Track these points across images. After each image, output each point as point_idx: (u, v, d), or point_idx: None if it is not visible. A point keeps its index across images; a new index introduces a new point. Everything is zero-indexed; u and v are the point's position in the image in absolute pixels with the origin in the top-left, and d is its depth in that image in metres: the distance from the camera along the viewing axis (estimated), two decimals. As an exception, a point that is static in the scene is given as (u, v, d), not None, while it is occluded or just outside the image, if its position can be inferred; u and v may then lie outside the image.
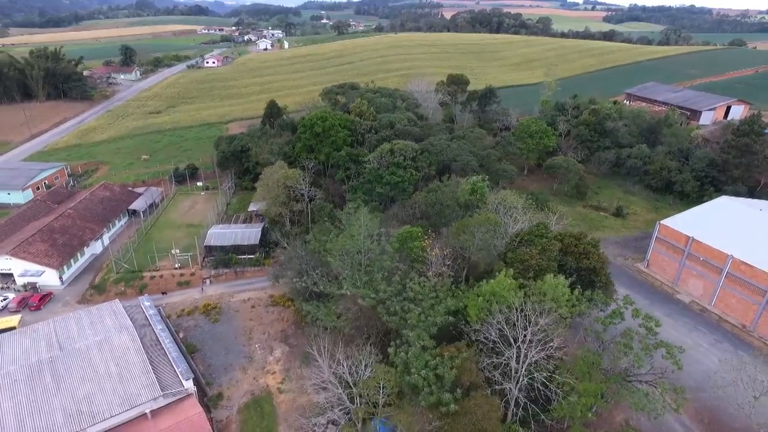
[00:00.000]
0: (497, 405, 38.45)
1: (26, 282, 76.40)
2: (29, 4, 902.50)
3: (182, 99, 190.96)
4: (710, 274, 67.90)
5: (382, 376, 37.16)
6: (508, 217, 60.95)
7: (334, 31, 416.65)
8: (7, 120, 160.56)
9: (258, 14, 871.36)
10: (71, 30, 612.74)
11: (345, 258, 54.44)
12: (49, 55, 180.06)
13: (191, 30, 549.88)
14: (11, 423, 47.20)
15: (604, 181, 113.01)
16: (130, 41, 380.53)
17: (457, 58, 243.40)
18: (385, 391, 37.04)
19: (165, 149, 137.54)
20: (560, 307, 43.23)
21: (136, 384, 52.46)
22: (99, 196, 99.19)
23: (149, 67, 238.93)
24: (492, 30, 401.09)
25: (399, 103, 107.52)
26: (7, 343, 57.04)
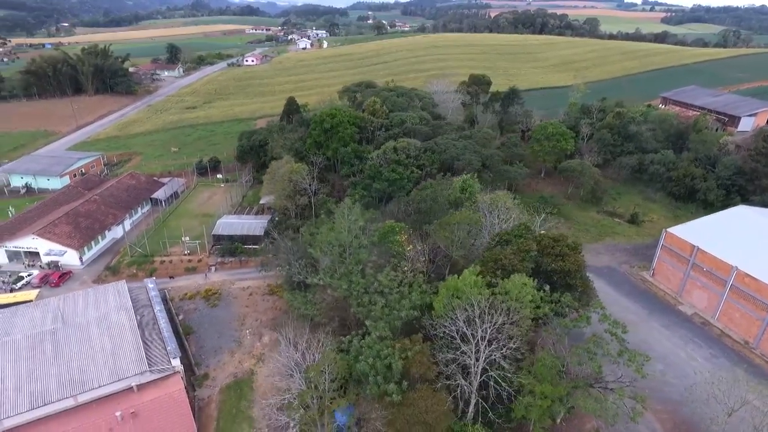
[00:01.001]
0: (443, 399, 38.68)
1: (50, 260, 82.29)
2: (97, 5, 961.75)
3: (218, 95, 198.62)
4: (714, 286, 64.77)
5: (326, 362, 38.25)
6: (496, 217, 60.48)
7: (374, 31, 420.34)
8: (58, 112, 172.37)
9: (306, 15, 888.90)
10: (130, 29, 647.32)
11: (325, 249, 55.84)
12: (99, 53, 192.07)
13: (240, 30, 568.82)
14: (11, 386, 51.57)
15: (625, 187, 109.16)
16: (181, 40, 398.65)
17: (493, 59, 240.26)
18: (331, 377, 38.13)
19: (195, 143, 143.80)
20: (524, 307, 42.86)
21: (126, 359, 55.91)
22: (125, 184, 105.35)
23: (192, 64, 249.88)
24: (535, 31, 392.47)
25: (414, 102, 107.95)
26: (20, 315, 62.09)
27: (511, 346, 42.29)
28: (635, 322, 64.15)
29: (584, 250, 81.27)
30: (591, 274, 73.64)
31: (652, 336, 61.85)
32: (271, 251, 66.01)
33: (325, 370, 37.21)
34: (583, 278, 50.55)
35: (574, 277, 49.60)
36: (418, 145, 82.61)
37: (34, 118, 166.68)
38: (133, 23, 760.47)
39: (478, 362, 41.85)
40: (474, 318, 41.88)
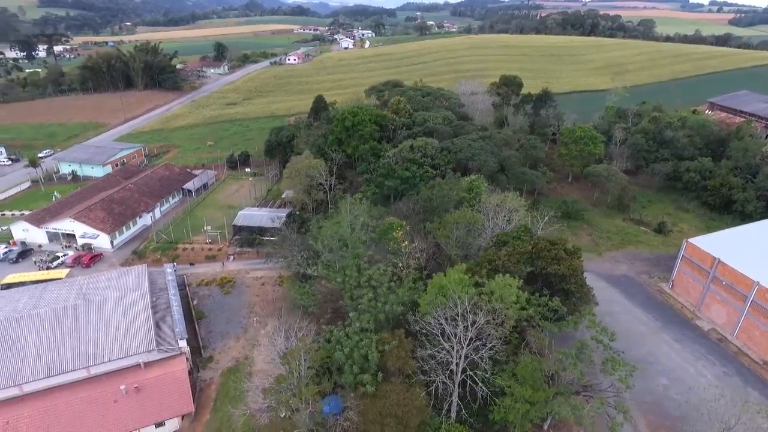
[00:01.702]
0: (417, 395, 38.89)
1: (84, 243, 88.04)
2: (159, 5, 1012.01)
3: (258, 92, 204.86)
4: (734, 301, 61.31)
5: (302, 348, 39.36)
6: (500, 218, 59.70)
7: (417, 31, 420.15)
8: (109, 105, 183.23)
9: (355, 15, 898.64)
10: (187, 28, 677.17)
11: (326, 243, 57.11)
12: (149, 50, 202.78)
13: (288, 29, 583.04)
14: (32, 354, 55.90)
15: (657, 195, 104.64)
16: (232, 39, 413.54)
17: (535, 60, 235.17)
18: (307, 364, 39.19)
19: (231, 137, 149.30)
20: (507, 307, 42.41)
21: (136, 337, 59.30)
22: (159, 174, 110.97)
23: (237, 62, 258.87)
24: (584, 32, 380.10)
25: (439, 102, 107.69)
26: (49, 290, 67.01)
27: (493, 347, 41.94)
28: (644, 334, 62.01)
29: (603, 257, 79.98)
30: (605, 283, 72.31)
31: (661, 349, 59.32)
32: (278, 243, 67.77)
33: (300, 356, 38.35)
34: (579, 283, 49.22)
35: (569, 282, 48.38)
36: (436, 144, 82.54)
37: (87, 110, 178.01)
38: (190, 22, 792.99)
39: (459, 361, 41.80)
40: (456, 316, 41.84)
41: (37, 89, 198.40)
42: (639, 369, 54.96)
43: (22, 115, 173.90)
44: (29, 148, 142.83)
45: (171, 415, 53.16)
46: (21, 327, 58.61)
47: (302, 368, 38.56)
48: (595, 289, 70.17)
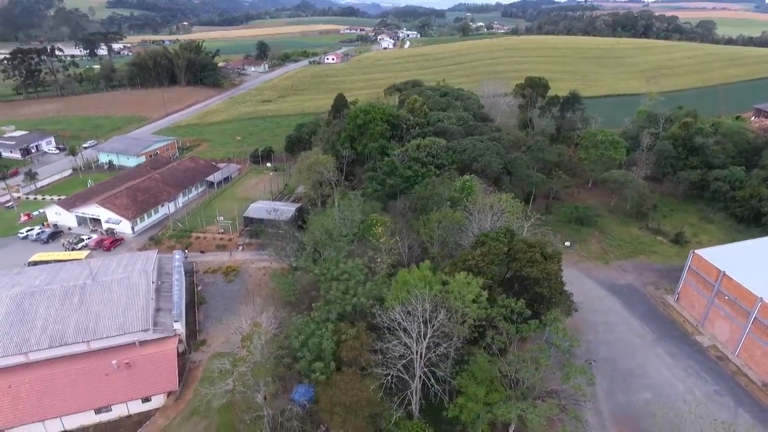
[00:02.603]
0: (367, 385, 39.35)
1: (108, 227, 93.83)
2: (216, 6, 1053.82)
3: (293, 90, 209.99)
4: (737, 317, 57.89)
5: (257, 333, 40.85)
6: (488, 219, 58.93)
7: (460, 32, 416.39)
8: (153, 100, 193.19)
9: (404, 15, 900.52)
10: (239, 28, 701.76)
11: (314, 236, 58.54)
12: (192, 48, 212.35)
13: (335, 29, 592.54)
14: (39, 326, 60.49)
15: (682, 204, 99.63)
16: (281, 38, 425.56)
17: (575, 62, 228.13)
18: (262, 350, 40.60)
19: (259, 133, 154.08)
20: (466, 306, 42.23)
21: (134, 317, 62.83)
22: (184, 166, 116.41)
23: (277, 61, 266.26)
24: (636, 34, 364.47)
25: (456, 103, 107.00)
26: (65, 269, 72.12)
27: (451, 345, 41.95)
28: (637, 346, 59.70)
29: (610, 266, 77.35)
30: (606, 292, 70.16)
31: (651, 363, 56.88)
32: (274, 235, 69.90)
33: (256, 340, 39.93)
34: (555, 287, 47.99)
35: (542, 285, 47.32)
36: (442, 144, 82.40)
37: (132, 104, 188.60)
38: (243, 23, 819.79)
39: (418, 357, 42.06)
40: (416, 312, 42.09)
41: (91, 84, 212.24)
42: (623, 381, 53.91)
43: (74, 107, 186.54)
44: (76, 138, 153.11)
45: (157, 391, 56.14)
46: (34, 301, 63.52)
47: (259, 352, 40.07)
48: (595, 299, 69.02)
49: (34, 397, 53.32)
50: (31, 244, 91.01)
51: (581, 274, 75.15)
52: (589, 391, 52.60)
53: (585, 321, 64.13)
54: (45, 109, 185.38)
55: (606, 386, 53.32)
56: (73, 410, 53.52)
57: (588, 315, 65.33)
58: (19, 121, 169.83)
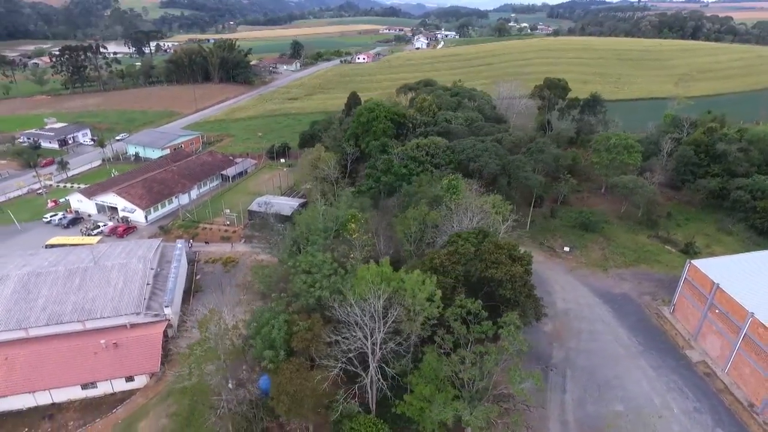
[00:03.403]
0: (312, 375, 39.89)
1: (124, 216, 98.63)
2: (263, 6, 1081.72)
3: (321, 89, 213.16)
4: (728, 332, 54.89)
5: (212, 317, 42.34)
6: (467, 218, 58.24)
7: (495, 32, 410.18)
8: (186, 96, 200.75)
9: (447, 16, 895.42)
10: (283, 28, 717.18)
11: (292, 230, 59.79)
12: (225, 46, 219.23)
13: (374, 29, 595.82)
14: (40, 305, 64.55)
15: (699, 213, 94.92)
16: (320, 38, 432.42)
17: (609, 64, 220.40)
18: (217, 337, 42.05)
19: (281, 130, 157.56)
20: (419, 304, 42.18)
21: (128, 300, 66.02)
22: (202, 159, 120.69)
23: (309, 60, 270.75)
24: (684, 36, 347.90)
25: (466, 103, 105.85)
26: (73, 253, 76.38)
27: (402, 342, 42.10)
28: (619, 357, 57.61)
29: (608, 274, 74.97)
30: (598, 300, 68.20)
31: (631, 374, 54.74)
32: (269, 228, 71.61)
33: (208, 327, 41.47)
34: (519, 290, 46.97)
35: (506, 288, 46.47)
36: (442, 144, 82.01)
37: (166, 100, 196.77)
38: (287, 22, 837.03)
39: (369, 351, 42.41)
40: (370, 308, 42.42)
41: (131, 80, 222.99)
42: (597, 392, 52.29)
43: (113, 102, 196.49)
44: (111, 131, 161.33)
45: (139, 372, 58.75)
46: (39, 281, 67.80)
47: (214, 338, 41.61)
48: (585, 306, 67.10)
49: (27, 370, 56.97)
50: (53, 228, 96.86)
51: (576, 281, 73.12)
52: (558, 399, 51.72)
53: (569, 328, 62.45)
54: (87, 102, 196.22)
55: (577, 395, 51.81)
56: (61, 384, 56.81)
57: (574, 322, 63.58)
58: (62, 113, 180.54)
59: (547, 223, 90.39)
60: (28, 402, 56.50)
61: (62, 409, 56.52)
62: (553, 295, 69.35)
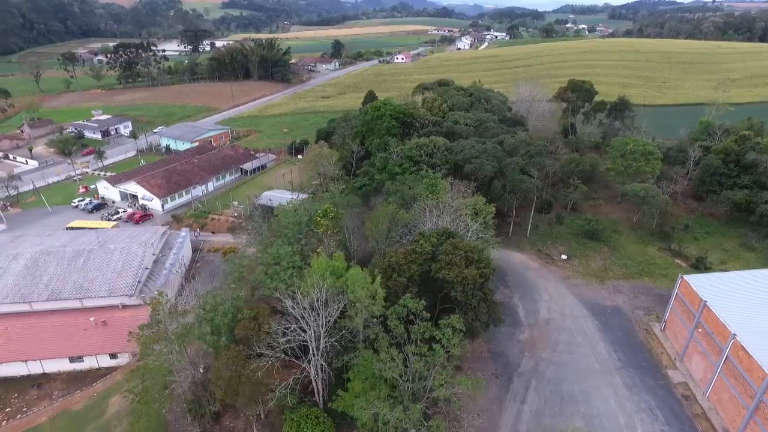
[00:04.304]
0: (249, 364, 40.92)
1: (143, 203, 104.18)
2: (320, 6, 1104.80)
3: (354, 88, 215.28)
4: (712, 354, 51.12)
5: (161, 301, 44.27)
6: (437, 217, 57.24)
7: (542, 34, 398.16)
8: (225, 92, 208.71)
9: (500, 17, 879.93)
10: (335, 28, 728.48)
11: (279, 224, 61.32)
12: (266, 45, 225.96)
13: (423, 30, 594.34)
14: (44, 281, 69.52)
15: (722, 227, 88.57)
16: (368, 38, 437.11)
17: (656, 68, 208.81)
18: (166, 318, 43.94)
19: (307, 127, 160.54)
20: (358, 301, 42.21)
21: (124, 282, 69.86)
22: (223, 153, 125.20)
23: (349, 59, 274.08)
24: (752, 37, 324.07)
25: (479, 104, 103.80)
26: (84, 235, 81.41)
27: (342, 337, 42.40)
28: (593, 372, 55.02)
29: (604, 285, 71.93)
30: (586, 311, 65.82)
31: (600, 391, 52.06)
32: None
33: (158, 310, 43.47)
34: (469, 293, 45.76)
35: (456, 290, 45.46)
36: (441, 144, 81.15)
37: (206, 95, 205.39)
38: (340, 23, 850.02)
39: (311, 344, 42.94)
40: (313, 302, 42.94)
41: (177, 77, 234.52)
42: (558, 405, 50.31)
43: (158, 96, 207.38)
44: (151, 124, 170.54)
45: (122, 350, 61.97)
46: (48, 259, 72.98)
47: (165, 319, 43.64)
48: (569, 317, 64.56)
49: (23, 340, 61.61)
50: (79, 212, 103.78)
51: (566, 290, 70.28)
52: (514, 409, 50.15)
53: (546, 338, 60.21)
54: (134, 97, 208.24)
55: (536, 407, 49.94)
56: (51, 356, 61.03)
57: (553, 332, 61.23)
58: (111, 106, 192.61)
59: (551, 229, 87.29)
60: (21, 370, 61.09)
61: (50, 380, 60.71)
62: (539, 303, 67.09)
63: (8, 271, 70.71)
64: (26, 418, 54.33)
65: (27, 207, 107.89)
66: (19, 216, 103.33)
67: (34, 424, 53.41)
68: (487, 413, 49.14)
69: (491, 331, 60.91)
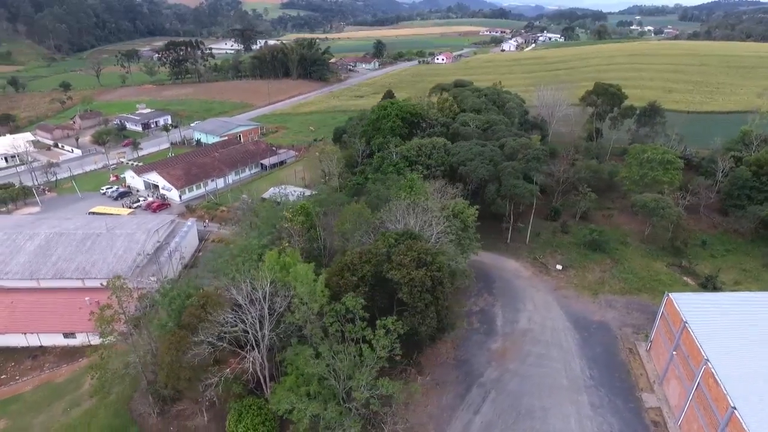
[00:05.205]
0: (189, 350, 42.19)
1: (163, 193, 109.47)
2: (377, 7, 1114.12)
3: (389, 88, 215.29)
4: (686, 378, 47.41)
5: (120, 282, 46.67)
6: (412, 219, 56.36)
7: (594, 35, 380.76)
8: (263, 90, 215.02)
9: (561, 18, 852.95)
10: (388, 28, 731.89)
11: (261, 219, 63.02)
12: (305, 44, 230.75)
13: (475, 31, 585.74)
14: (53, 260, 74.69)
15: (747, 245, 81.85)
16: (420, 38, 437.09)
17: (712, 72, 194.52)
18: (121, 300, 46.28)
19: (333, 125, 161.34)
20: (296, 296, 42.55)
21: (122, 265, 73.77)
22: (245, 148, 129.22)
23: (389, 59, 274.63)
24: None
25: (493, 106, 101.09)
26: (96, 220, 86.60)
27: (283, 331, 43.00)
28: (558, 388, 52.48)
29: (596, 298, 69.15)
30: (569, 325, 63.50)
31: (562, 409, 49.49)
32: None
33: (117, 294, 45.86)
34: (416, 295, 44.70)
35: (403, 291, 44.63)
36: (439, 145, 80.00)
37: (245, 92, 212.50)
38: (393, 23, 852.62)
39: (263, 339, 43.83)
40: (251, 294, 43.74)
41: (222, 74, 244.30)
42: (513, 419, 48.59)
43: (201, 92, 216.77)
44: (190, 118, 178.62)
45: (111, 329, 65.57)
46: (59, 240, 78.38)
47: (125, 303, 46.04)
48: (550, 329, 62.10)
49: (25, 313, 66.45)
50: (106, 199, 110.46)
51: (554, 302, 67.31)
52: (465, 419, 48.72)
53: (519, 349, 57.98)
54: (180, 92, 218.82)
55: (488, 419, 48.24)
56: (48, 330, 65.39)
57: (527, 344, 58.87)
58: (157, 101, 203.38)
59: (554, 238, 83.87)
60: (21, 341, 65.87)
61: (45, 353, 65.02)
62: (521, 313, 64.70)
63: (23, 249, 76.60)
64: (14, 386, 58.61)
65: (62, 192, 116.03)
66: (53, 200, 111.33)
67: (20, 391, 57.49)
68: (435, 420, 48.06)
69: (462, 338, 59.75)
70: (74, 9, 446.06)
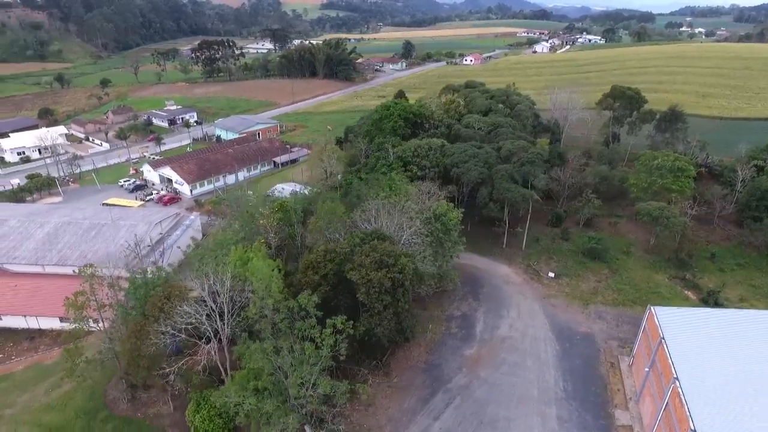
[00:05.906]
0: (147, 339, 43.35)
1: (175, 187, 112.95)
2: (417, 8, 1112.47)
3: (414, 88, 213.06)
4: (658, 397, 45.02)
5: (93, 270, 48.36)
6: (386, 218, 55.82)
7: (634, 37, 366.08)
8: (288, 88, 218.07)
9: (605, 19, 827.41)
10: (425, 29, 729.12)
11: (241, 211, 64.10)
12: (332, 45, 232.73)
13: (512, 32, 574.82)
14: (59, 247, 78.32)
15: (760, 260, 77.07)
16: (457, 39, 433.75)
17: (755, 76, 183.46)
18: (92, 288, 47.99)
19: (352, 124, 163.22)
20: (253, 292, 43.01)
21: (123, 254, 76.50)
22: (259, 146, 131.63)
23: (417, 60, 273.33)
24: None
25: (496, 107, 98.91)
26: (103, 211, 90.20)
27: (239, 324, 43.68)
28: (526, 399, 50.92)
29: (585, 308, 67.05)
30: (551, 334, 62.39)
31: (527, 421, 47.92)
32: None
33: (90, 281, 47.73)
34: (373, 297, 44.20)
35: (361, 292, 44.24)
36: (435, 146, 79.11)
37: (271, 91, 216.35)
38: (431, 24, 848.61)
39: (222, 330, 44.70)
40: (216, 287, 44.54)
41: (251, 72, 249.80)
42: (475, 428, 47.67)
43: (230, 90, 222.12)
44: (215, 115, 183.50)
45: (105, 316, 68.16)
46: (66, 228, 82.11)
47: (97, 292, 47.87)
48: (530, 338, 60.57)
49: (27, 297, 69.97)
50: (123, 191, 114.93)
51: (540, 310, 65.33)
52: (424, 424, 47.98)
53: (494, 357, 56.57)
54: (209, 90, 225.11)
55: (448, 426, 47.29)
56: (46, 314, 68.60)
57: (503, 352, 57.37)
58: (187, 98, 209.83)
59: (553, 244, 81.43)
60: (21, 323, 69.39)
61: (42, 335, 68.24)
62: (503, 320, 63.11)
63: (33, 236, 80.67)
64: (9, 365, 61.80)
65: (85, 184, 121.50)
66: (75, 191, 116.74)
67: (12, 370, 60.54)
68: (393, 423, 47.52)
69: (437, 342, 58.90)
70: (122, 9, 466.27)
